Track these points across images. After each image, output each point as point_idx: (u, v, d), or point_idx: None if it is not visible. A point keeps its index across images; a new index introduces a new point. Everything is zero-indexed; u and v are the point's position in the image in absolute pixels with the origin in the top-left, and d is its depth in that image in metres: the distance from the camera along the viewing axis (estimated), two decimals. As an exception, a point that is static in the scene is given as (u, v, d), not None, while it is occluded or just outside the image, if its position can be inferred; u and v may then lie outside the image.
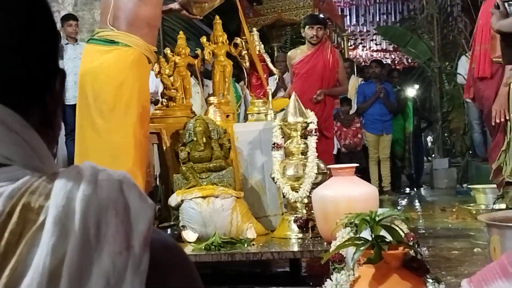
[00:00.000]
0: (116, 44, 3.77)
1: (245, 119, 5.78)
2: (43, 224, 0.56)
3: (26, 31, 0.69)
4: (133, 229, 0.58)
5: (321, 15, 10.01)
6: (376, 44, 13.39)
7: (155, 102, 5.52)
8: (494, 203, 4.57)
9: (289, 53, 6.42)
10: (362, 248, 2.31)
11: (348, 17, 12.70)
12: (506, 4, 2.63)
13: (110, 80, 3.69)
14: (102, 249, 0.56)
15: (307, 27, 5.96)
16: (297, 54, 6.13)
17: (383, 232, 2.39)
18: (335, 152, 7.53)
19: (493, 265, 1.90)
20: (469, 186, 7.64)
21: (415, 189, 9.47)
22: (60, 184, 0.59)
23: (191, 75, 5.19)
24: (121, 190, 0.60)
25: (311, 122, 4.04)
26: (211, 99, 4.75)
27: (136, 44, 3.77)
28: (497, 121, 4.10)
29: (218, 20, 4.93)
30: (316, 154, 4.00)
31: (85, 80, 3.77)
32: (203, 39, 4.88)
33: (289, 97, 4.27)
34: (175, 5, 4.31)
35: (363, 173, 7.73)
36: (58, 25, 6.93)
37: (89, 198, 0.58)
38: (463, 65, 8.65)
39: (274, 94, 6.31)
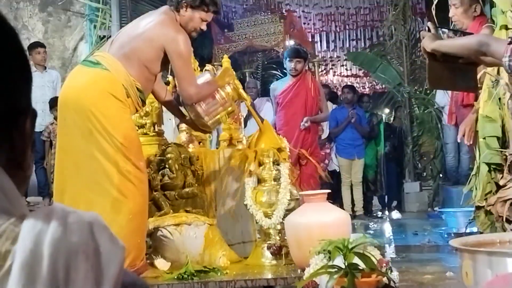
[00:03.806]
0: (98, 65, 3.58)
1: (217, 145, 5.78)
2: (9, 270, 0.55)
3: None
4: (104, 273, 0.57)
5: (292, 41, 10.13)
6: (347, 70, 13.54)
7: None
8: (466, 227, 4.62)
9: (271, 85, 6.76)
10: (335, 276, 2.31)
11: (318, 43, 12.83)
12: (440, 30, 2.71)
13: (78, 102, 3.50)
14: None
15: (287, 59, 6.27)
16: (279, 85, 6.43)
17: (356, 260, 2.40)
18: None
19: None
20: (440, 209, 7.72)
21: (387, 213, 9.53)
22: (27, 227, 0.57)
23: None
24: (91, 232, 0.59)
25: (283, 148, 4.05)
26: (183, 125, 4.74)
27: (116, 70, 3.55)
28: (466, 142, 4.17)
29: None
30: (289, 180, 4.01)
31: (60, 101, 3.66)
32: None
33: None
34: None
35: (335, 198, 7.76)
36: (26, 53, 6.88)
37: (58, 241, 0.56)
38: (439, 92, 8.76)
39: (245, 120, 6.39)
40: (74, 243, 0.57)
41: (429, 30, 2.89)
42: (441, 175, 9.64)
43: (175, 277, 3.51)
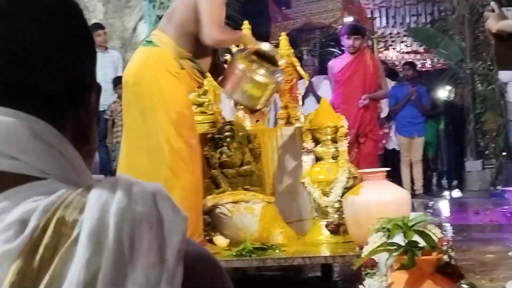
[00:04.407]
0: (150, 44, 3.65)
1: (275, 123, 5.78)
2: (77, 238, 0.56)
3: (62, 43, 0.69)
4: (167, 242, 0.58)
5: (351, 18, 9.99)
6: (407, 46, 13.25)
7: None
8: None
9: (329, 63, 6.66)
10: (395, 253, 2.29)
11: (378, 19, 12.59)
12: (504, 9, 2.63)
13: (134, 81, 3.59)
14: (136, 263, 0.56)
15: (345, 36, 6.15)
16: (337, 63, 6.34)
17: (416, 237, 2.37)
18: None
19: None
20: (503, 188, 7.53)
21: (447, 191, 9.37)
22: (94, 198, 0.59)
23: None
24: (154, 203, 0.60)
25: (341, 126, 4.02)
26: (241, 104, 4.75)
27: (165, 44, 3.56)
28: None
29: (247, 26, 4.91)
30: (347, 158, 3.99)
31: (122, 83, 3.78)
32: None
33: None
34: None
35: (393, 177, 7.68)
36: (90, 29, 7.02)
37: (123, 211, 0.58)
38: None
39: (303, 98, 6.36)
40: (138, 212, 0.58)
41: (493, 11, 2.80)
42: (504, 153, 9.38)
43: (234, 254, 3.55)
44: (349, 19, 9.99)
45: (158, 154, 3.50)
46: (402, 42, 13.32)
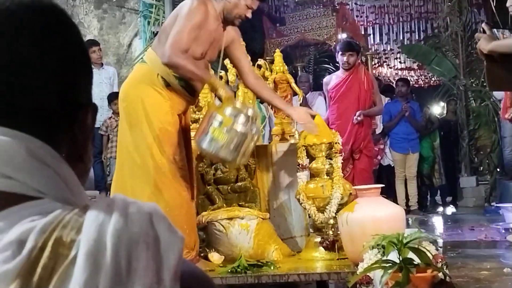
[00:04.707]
0: (140, 61, 3.76)
1: (270, 139, 5.80)
2: (75, 259, 0.56)
3: (60, 62, 0.69)
4: (164, 262, 0.58)
5: (345, 35, 10.05)
6: (401, 63, 13.32)
7: None
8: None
9: (324, 79, 6.70)
10: (390, 271, 2.29)
11: (371, 36, 12.67)
12: (495, 30, 2.66)
13: (122, 97, 3.69)
14: (133, 283, 0.56)
15: (339, 53, 6.19)
16: (332, 79, 6.37)
17: (411, 255, 2.37)
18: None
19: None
20: (497, 204, 7.55)
21: (442, 208, 9.37)
22: (91, 218, 0.59)
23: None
24: (151, 223, 0.60)
25: (336, 143, 4.03)
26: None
27: (151, 60, 3.60)
28: None
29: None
30: (342, 174, 3.99)
31: (118, 97, 3.87)
32: (227, 61, 4.89)
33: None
34: None
35: (388, 193, 7.68)
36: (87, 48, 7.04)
37: (120, 231, 0.58)
38: None
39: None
40: (135, 233, 0.59)
41: (484, 32, 2.83)
42: (498, 170, 9.41)
43: (229, 271, 3.54)
44: (343, 36, 10.05)
45: (143, 169, 3.52)
46: (395, 58, 13.40)
